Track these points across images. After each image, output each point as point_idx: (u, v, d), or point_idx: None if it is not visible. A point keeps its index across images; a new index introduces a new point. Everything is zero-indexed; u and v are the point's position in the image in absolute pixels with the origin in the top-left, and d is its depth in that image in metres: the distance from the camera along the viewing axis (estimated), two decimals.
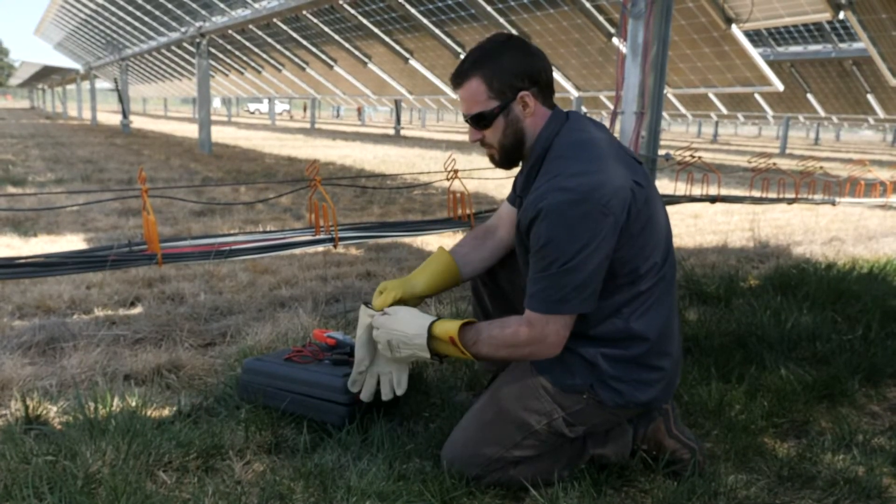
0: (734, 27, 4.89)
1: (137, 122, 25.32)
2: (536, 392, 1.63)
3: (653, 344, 1.60)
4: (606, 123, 2.48)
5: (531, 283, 1.55)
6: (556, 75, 7.57)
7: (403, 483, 1.63)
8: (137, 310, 3.00)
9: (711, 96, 13.03)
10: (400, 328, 1.66)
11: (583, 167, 1.53)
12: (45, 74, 34.11)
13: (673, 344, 1.65)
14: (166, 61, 19.08)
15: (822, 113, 14.46)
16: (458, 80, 1.66)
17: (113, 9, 14.62)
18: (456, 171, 3.03)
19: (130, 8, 13.80)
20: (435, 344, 1.64)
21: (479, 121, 1.64)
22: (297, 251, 4.50)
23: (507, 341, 1.58)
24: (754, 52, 5.10)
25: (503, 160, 1.70)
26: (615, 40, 6.18)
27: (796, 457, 1.86)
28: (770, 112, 15.18)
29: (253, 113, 56.95)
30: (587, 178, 1.50)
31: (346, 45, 10.44)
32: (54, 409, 1.97)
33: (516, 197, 1.78)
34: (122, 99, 17.92)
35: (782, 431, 2.04)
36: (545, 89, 1.65)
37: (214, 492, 1.58)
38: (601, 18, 6.14)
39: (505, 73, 1.60)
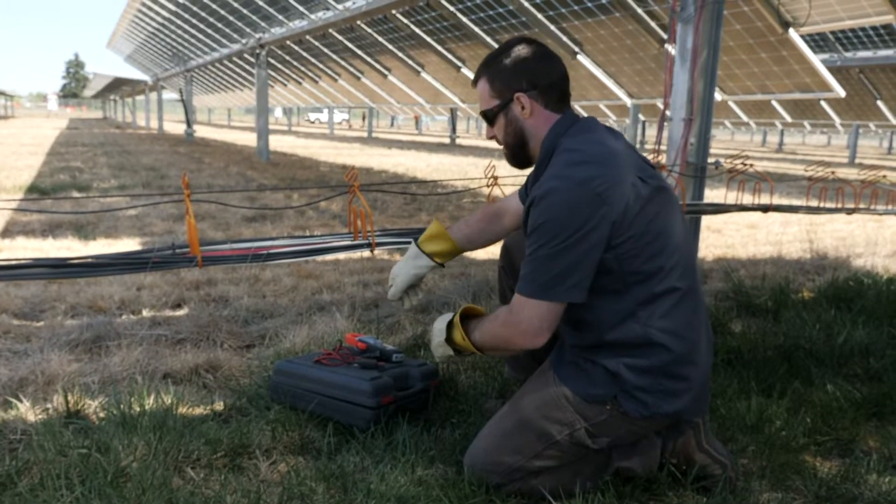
0: (791, 31, 4.73)
1: (201, 132, 26.16)
2: (558, 402, 1.60)
3: (676, 352, 1.55)
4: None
5: (522, 267, 1.58)
6: (609, 83, 7.47)
7: (423, 488, 1.62)
8: (182, 311, 3.09)
9: (775, 104, 12.62)
10: (436, 324, 1.77)
11: (583, 158, 1.55)
12: (116, 86, 35.59)
13: (699, 354, 1.60)
14: (229, 72, 19.69)
15: (893, 121, 13.86)
16: (473, 81, 1.77)
17: (178, 22, 15.19)
18: (496, 178, 3.01)
19: (194, 21, 14.30)
20: (452, 333, 1.71)
21: (486, 118, 1.74)
22: (341, 256, 4.56)
23: (491, 323, 1.65)
24: (813, 57, 4.93)
25: (511, 158, 1.75)
26: (668, 46, 6.06)
27: (838, 476, 1.77)
28: (837, 120, 14.62)
29: (313, 122, 58.09)
30: (585, 168, 1.52)
31: (400, 54, 10.56)
32: (94, 404, 2.04)
33: (526, 195, 1.80)
34: (186, 109, 18.57)
35: (825, 450, 1.95)
36: (548, 92, 1.66)
37: (237, 489, 1.61)
38: (653, 24, 6.04)
39: (504, 74, 1.67)
